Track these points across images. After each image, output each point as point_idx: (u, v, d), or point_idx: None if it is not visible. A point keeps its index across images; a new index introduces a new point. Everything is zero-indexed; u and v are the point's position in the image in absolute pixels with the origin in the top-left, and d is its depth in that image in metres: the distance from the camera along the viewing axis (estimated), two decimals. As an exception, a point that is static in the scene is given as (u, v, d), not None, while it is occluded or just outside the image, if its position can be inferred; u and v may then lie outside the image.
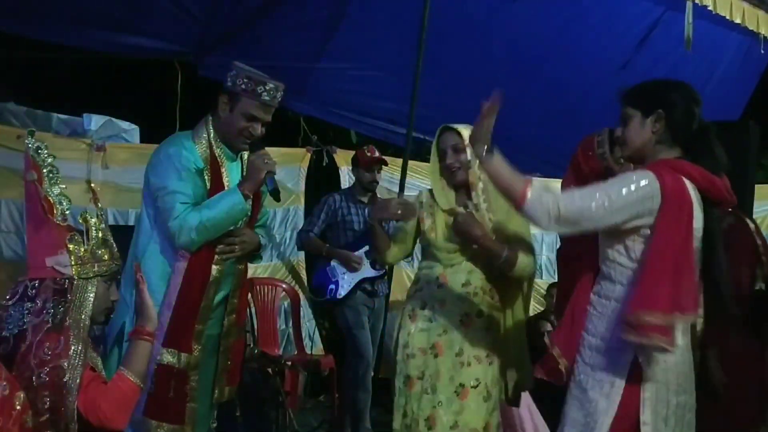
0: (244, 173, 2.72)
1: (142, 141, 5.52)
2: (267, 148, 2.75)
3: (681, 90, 2.32)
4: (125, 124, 5.47)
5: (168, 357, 2.58)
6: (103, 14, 4.65)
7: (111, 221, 5.08)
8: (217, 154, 2.68)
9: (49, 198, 2.08)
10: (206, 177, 2.64)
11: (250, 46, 5.25)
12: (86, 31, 4.79)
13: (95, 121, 5.22)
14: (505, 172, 2.25)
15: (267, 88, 2.63)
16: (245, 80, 2.63)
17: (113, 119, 5.34)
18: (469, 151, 2.79)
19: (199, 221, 2.52)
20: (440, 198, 2.96)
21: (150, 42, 5.21)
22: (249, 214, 2.70)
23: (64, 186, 2.12)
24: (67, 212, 2.10)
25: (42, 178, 2.08)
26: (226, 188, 2.66)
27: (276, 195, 2.70)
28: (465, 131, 2.78)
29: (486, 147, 2.26)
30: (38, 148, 2.09)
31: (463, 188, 2.96)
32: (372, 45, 5.43)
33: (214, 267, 2.64)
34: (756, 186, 3.87)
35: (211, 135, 2.69)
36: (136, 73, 6.60)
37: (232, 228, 2.66)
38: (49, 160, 2.10)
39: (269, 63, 5.40)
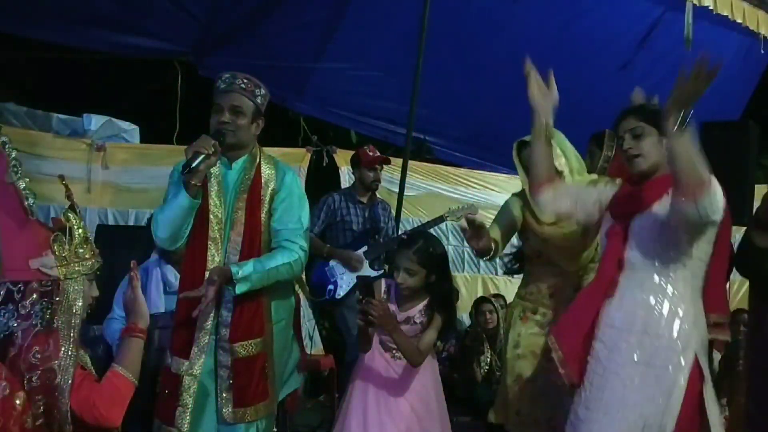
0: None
1: (142, 141, 5.52)
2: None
3: None
4: (125, 124, 5.47)
5: (174, 364, 2.62)
6: (103, 14, 4.65)
7: (111, 221, 5.08)
8: None
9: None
10: None
11: (250, 46, 5.25)
12: (86, 31, 4.79)
13: (95, 121, 5.22)
14: (695, 154, 2.18)
15: (223, 78, 2.71)
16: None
17: (113, 119, 5.34)
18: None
19: (156, 218, 2.64)
20: None
21: (150, 42, 5.21)
22: (195, 201, 2.60)
23: (28, 179, 2.04)
24: (34, 207, 2.03)
25: (9, 172, 2.02)
26: (207, 191, 2.68)
27: (184, 167, 2.52)
28: None
29: (682, 116, 2.19)
30: (4, 143, 2.03)
31: None
32: (372, 45, 5.44)
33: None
34: (756, 186, 3.87)
35: None
36: (136, 73, 6.60)
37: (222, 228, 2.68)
38: (14, 153, 2.03)
39: (270, 63, 5.44)
